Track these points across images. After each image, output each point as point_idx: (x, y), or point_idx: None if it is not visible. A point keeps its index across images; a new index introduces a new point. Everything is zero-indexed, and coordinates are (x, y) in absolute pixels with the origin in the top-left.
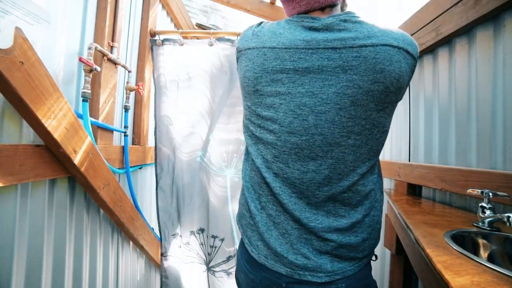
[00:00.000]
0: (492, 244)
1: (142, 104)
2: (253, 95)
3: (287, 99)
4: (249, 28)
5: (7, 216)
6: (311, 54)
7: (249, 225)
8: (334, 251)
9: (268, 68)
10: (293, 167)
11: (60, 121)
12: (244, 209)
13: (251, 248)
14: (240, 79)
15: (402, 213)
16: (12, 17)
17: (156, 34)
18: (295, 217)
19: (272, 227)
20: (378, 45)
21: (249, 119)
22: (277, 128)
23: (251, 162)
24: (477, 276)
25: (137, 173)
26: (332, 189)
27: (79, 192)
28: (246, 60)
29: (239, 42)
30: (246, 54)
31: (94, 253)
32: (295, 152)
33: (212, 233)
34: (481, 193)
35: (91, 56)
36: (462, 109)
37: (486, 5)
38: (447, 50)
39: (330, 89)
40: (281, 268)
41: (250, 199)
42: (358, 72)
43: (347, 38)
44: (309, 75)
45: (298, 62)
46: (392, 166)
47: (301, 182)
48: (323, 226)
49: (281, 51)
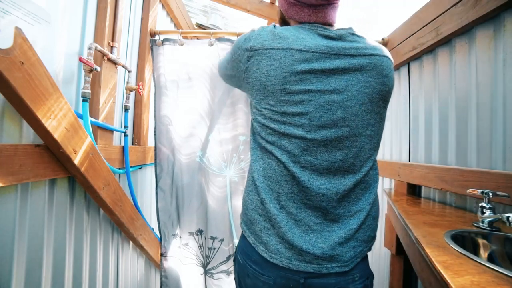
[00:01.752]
0: (492, 244)
1: (142, 104)
2: (279, 93)
3: (316, 96)
4: (262, 29)
5: (7, 216)
6: (334, 58)
7: (264, 229)
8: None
9: (297, 68)
10: (321, 159)
11: (60, 121)
12: (256, 213)
13: (269, 254)
14: (258, 78)
15: (402, 213)
16: (12, 17)
17: (156, 34)
18: (322, 207)
19: (293, 225)
20: (381, 55)
21: (269, 118)
22: (307, 122)
23: (269, 161)
24: (477, 276)
25: (137, 173)
26: (356, 175)
27: (79, 192)
28: (269, 60)
29: (252, 41)
30: (269, 53)
31: (94, 253)
32: (324, 144)
33: (211, 235)
34: (481, 193)
35: (91, 56)
36: (462, 109)
37: (486, 5)
38: (447, 50)
39: (353, 88)
40: (308, 266)
41: (268, 200)
42: (371, 75)
43: (360, 48)
44: (334, 75)
45: (324, 64)
46: (392, 166)
47: (328, 172)
48: (349, 212)
49: (308, 54)
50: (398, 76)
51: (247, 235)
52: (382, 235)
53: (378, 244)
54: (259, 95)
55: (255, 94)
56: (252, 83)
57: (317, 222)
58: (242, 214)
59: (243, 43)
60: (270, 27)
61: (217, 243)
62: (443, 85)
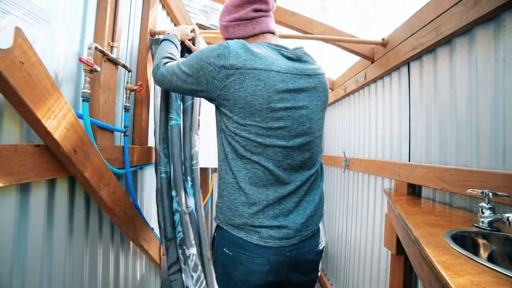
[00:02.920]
0: (492, 244)
1: (142, 104)
2: (265, 111)
3: (292, 111)
4: (235, 46)
5: (7, 216)
6: (299, 78)
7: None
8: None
9: (278, 88)
10: (296, 159)
11: (60, 121)
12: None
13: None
14: (242, 97)
15: (402, 213)
16: (12, 17)
17: (156, 34)
18: (299, 196)
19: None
20: (323, 74)
21: (255, 133)
22: (287, 134)
23: (253, 170)
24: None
25: (137, 173)
26: (315, 166)
27: (79, 192)
28: (254, 80)
29: (231, 59)
30: (251, 73)
31: (94, 253)
32: (298, 148)
33: None
34: (481, 193)
35: (91, 56)
36: (462, 109)
37: (486, 5)
38: (447, 50)
39: (313, 102)
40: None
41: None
42: (321, 91)
43: (313, 69)
44: (301, 93)
45: (295, 84)
46: (392, 166)
47: (300, 167)
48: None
49: (283, 75)
50: (398, 76)
51: (236, 232)
52: (382, 235)
53: (378, 244)
54: (243, 112)
55: (238, 111)
56: (234, 100)
57: (294, 206)
58: (226, 216)
59: (217, 59)
60: (240, 43)
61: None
62: (443, 85)
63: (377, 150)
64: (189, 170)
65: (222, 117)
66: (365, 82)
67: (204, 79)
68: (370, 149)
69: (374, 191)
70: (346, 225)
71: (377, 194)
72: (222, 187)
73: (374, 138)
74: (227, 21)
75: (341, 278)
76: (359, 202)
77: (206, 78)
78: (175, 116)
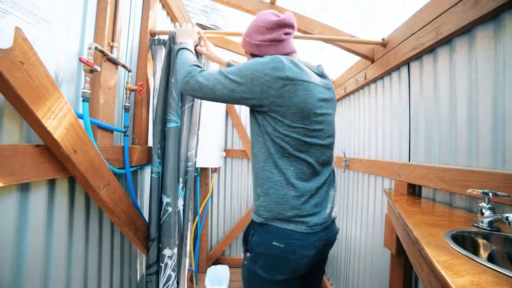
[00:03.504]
0: (492, 244)
1: (142, 104)
2: (312, 116)
3: (326, 117)
4: (287, 61)
5: (7, 216)
6: (326, 90)
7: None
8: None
9: (319, 98)
10: (325, 156)
11: (60, 121)
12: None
13: (311, 228)
14: (295, 103)
15: (402, 213)
16: (12, 17)
17: (156, 34)
18: (327, 185)
19: (318, 202)
20: None
21: (303, 134)
22: (323, 135)
23: (300, 166)
24: (477, 276)
25: (137, 173)
26: (333, 162)
27: (79, 192)
28: (304, 90)
29: (286, 72)
30: (302, 84)
31: (94, 253)
32: (328, 146)
33: None
34: (481, 193)
35: (91, 56)
36: (462, 109)
37: (486, 5)
38: (447, 50)
39: (332, 111)
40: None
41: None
42: (334, 102)
43: (330, 84)
44: (327, 102)
45: (325, 95)
46: (392, 166)
47: (327, 163)
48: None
49: (319, 87)
50: (398, 76)
51: (286, 225)
52: (382, 235)
53: (378, 244)
54: (295, 116)
55: (290, 116)
56: (288, 106)
57: (328, 196)
58: (274, 212)
59: (272, 71)
60: (289, 59)
61: None
62: (443, 85)
63: (377, 150)
64: (183, 172)
65: (269, 121)
66: (365, 82)
67: (258, 88)
68: (370, 149)
69: (374, 191)
70: (346, 225)
71: (377, 194)
72: (267, 186)
73: (374, 138)
74: (260, 41)
75: (341, 278)
76: (359, 202)
77: (261, 87)
78: (174, 117)
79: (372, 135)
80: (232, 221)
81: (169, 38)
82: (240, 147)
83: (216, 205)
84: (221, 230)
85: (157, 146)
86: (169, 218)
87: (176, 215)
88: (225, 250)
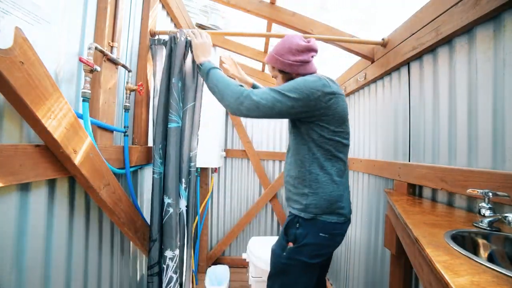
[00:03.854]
0: (492, 244)
1: (142, 104)
2: (347, 121)
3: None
4: (328, 79)
5: (7, 216)
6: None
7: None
8: None
9: (346, 107)
10: (347, 154)
11: (60, 121)
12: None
13: (345, 219)
14: (338, 112)
15: (402, 213)
16: (12, 17)
17: (156, 34)
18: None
19: (347, 194)
20: None
21: (342, 137)
22: (348, 137)
23: (338, 165)
24: (477, 276)
25: (137, 173)
26: None
27: (79, 192)
28: (342, 101)
29: (332, 88)
30: (340, 97)
31: (94, 253)
32: (349, 146)
33: None
34: (481, 193)
35: (91, 56)
36: (462, 109)
37: (486, 5)
38: (447, 50)
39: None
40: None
41: (342, 189)
42: None
43: None
44: None
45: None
46: (392, 166)
47: None
48: None
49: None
50: (398, 76)
51: (331, 219)
52: (382, 235)
53: (378, 244)
54: (338, 122)
55: (334, 122)
56: (333, 115)
57: (348, 187)
58: (322, 207)
59: (323, 88)
60: (328, 77)
61: None
62: (443, 85)
63: (377, 150)
64: (186, 172)
65: (315, 129)
66: (365, 82)
67: (313, 102)
68: (370, 149)
69: (374, 191)
70: None
71: (377, 194)
72: (316, 186)
73: (374, 138)
74: (292, 61)
75: (341, 278)
76: (359, 202)
77: (315, 101)
78: (176, 117)
79: (372, 135)
80: (232, 221)
81: (169, 38)
82: (240, 147)
83: (216, 205)
84: (221, 230)
85: (158, 146)
86: (170, 219)
87: (177, 216)
88: (225, 250)
